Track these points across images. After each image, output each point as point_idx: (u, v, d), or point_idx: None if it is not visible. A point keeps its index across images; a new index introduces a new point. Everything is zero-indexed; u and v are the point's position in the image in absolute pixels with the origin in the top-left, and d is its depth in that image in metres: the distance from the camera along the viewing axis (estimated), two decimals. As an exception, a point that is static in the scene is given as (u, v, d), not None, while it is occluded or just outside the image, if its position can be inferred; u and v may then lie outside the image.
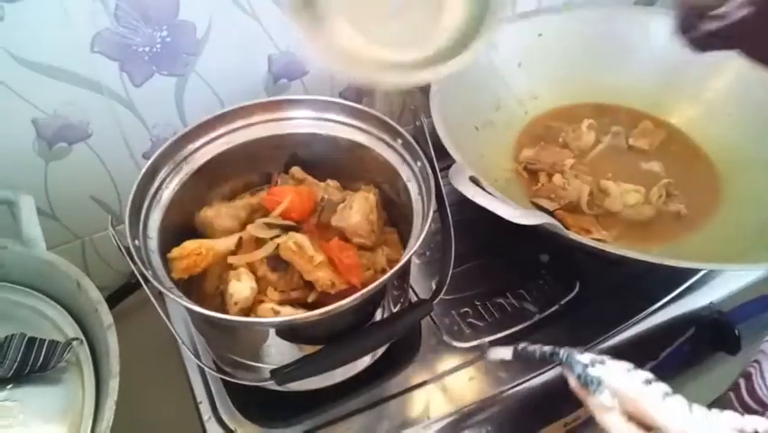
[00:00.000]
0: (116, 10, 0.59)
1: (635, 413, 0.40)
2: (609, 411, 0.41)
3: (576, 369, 0.43)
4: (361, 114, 0.61)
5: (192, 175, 0.59)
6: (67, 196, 0.70)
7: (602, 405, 0.41)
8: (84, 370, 0.50)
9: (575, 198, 0.74)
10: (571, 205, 0.74)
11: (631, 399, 0.40)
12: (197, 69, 0.68)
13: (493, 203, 0.53)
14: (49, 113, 0.62)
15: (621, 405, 0.40)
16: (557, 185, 0.75)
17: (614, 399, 0.40)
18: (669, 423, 0.38)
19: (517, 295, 0.71)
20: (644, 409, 0.39)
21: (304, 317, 0.45)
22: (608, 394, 0.41)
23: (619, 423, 0.40)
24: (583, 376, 0.42)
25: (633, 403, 0.40)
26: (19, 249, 0.55)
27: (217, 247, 0.55)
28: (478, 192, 0.54)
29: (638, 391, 0.40)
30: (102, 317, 0.50)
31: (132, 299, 0.82)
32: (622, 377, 0.41)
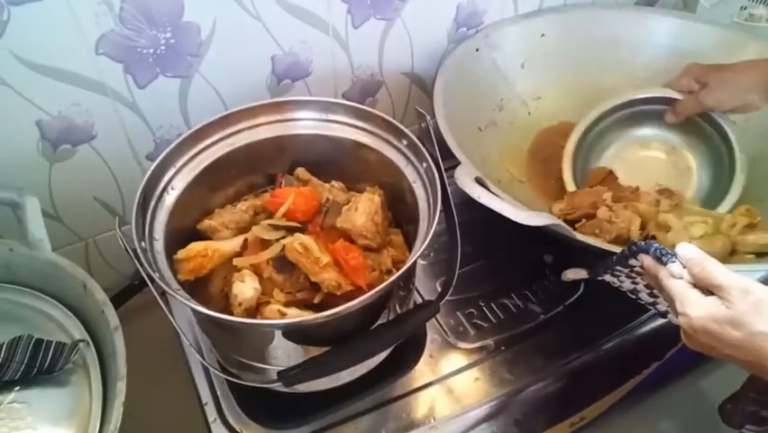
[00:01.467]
0: (121, 12, 0.58)
1: (701, 276, 0.44)
2: (678, 279, 0.45)
3: (651, 248, 0.47)
4: (366, 114, 0.61)
5: (197, 177, 0.59)
6: (70, 197, 0.70)
7: (672, 272, 0.45)
8: (90, 372, 0.50)
9: (624, 230, 0.67)
10: (620, 238, 0.67)
11: (699, 263, 0.44)
12: (201, 71, 0.68)
13: (499, 204, 0.53)
14: (53, 114, 0.62)
15: (689, 272, 0.45)
16: (602, 219, 0.68)
17: (683, 268, 0.45)
18: (733, 281, 0.42)
19: (522, 296, 0.71)
20: (711, 270, 0.43)
21: (312, 318, 0.45)
22: (678, 264, 0.45)
23: (686, 287, 0.44)
24: (659, 250, 0.47)
25: (700, 267, 0.44)
26: (25, 251, 0.55)
27: (223, 249, 0.55)
28: (483, 193, 0.54)
29: (706, 258, 0.44)
30: (108, 318, 0.50)
31: (135, 300, 0.82)
32: (692, 249, 0.45)
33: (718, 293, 0.43)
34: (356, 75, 0.80)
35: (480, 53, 0.82)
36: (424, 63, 0.84)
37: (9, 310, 0.55)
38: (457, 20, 0.82)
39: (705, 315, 0.42)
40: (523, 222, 0.52)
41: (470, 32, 0.85)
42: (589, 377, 0.67)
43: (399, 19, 0.77)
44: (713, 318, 0.42)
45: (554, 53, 0.87)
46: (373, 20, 0.75)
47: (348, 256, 0.56)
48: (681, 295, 0.44)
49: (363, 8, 0.73)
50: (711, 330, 0.42)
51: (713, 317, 0.42)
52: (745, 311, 0.41)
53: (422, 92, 0.88)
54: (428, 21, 0.80)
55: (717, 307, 0.42)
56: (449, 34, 0.83)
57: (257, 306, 0.54)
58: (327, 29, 0.72)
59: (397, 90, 0.86)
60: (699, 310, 0.43)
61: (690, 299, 0.43)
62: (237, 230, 0.61)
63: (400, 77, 0.84)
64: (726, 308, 0.42)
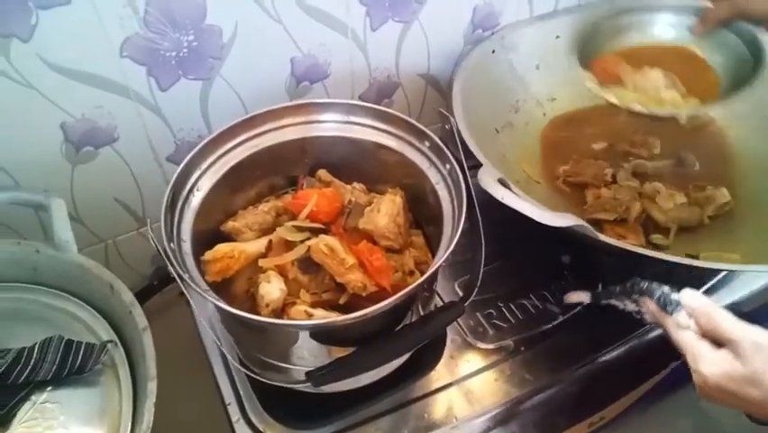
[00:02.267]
0: (145, 15, 0.59)
1: (708, 328, 0.43)
2: (685, 330, 0.44)
3: (656, 293, 0.48)
4: (388, 117, 0.61)
5: (221, 178, 0.59)
6: (92, 199, 0.71)
7: (679, 323, 0.45)
8: (119, 372, 0.51)
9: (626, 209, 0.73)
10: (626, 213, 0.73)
11: (705, 314, 0.43)
12: (222, 73, 0.68)
13: (523, 205, 0.54)
14: (77, 117, 0.63)
15: (696, 322, 0.44)
16: (607, 198, 0.74)
17: (690, 318, 0.44)
18: (743, 334, 0.41)
19: (540, 296, 0.71)
20: (718, 323, 0.42)
21: (342, 319, 0.45)
22: (684, 314, 0.44)
23: (694, 340, 0.43)
24: (663, 298, 0.47)
25: (706, 318, 0.43)
26: (51, 252, 0.56)
27: (249, 250, 0.56)
28: (507, 194, 0.55)
29: (712, 307, 0.44)
30: (136, 319, 0.51)
31: (153, 301, 0.83)
32: (697, 298, 0.45)
33: (729, 346, 0.41)
34: (373, 77, 0.80)
35: (497, 55, 0.82)
36: (440, 64, 0.85)
37: (36, 311, 0.55)
38: (473, 21, 0.82)
39: (719, 372, 0.41)
40: (547, 223, 0.52)
41: (485, 33, 0.85)
42: (607, 377, 0.68)
43: (417, 21, 0.77)
44: (728, 376, 0.41)
45: (569, 55, 0.87)
46: (391, 22, 0.75)
47: (372, 257, 0.56)
48: (692, 349, 0.43)
49: (382, 10, 0.73)
50: (728, 388, 0.41)
51: (728, 375, 0.41)
52: (761, 369, 0.40)
53: (437, 93, 0.89)
54: (445, 23, 0.80)
55: (730, 363, 0.41)
56: (465, 36, 0.84)
57: (283, 306, 0.55)
58: (346, 31, 0.73)
59: (414, 91, 0.86)
60: (712, 367, 0.41)
61: (701, 355, 0.42)
62: (260, 231, 0.61)
63: (416, 78, 0.85)
64: (741, 365, 0.40)
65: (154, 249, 0.81)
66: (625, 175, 0.78)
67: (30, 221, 0.68)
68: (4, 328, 0.54)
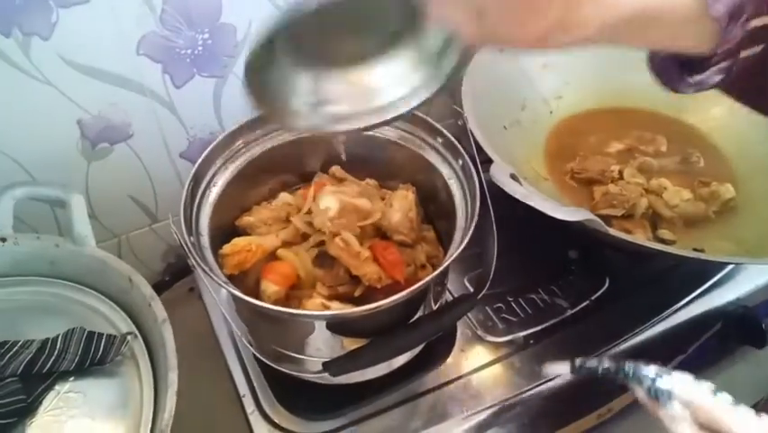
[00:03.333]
0: (162, 13, 0.60)
1: (707, 422, 0.40)
2: (681, 422, 0.41)
3: (645, 382, 0.42)
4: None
5: (237, 174, 0.61)
6: (106, 195, 0.72)
7: (673, 416, 0.41)
8: (140, 362, 0.51)
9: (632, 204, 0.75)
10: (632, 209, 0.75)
11: (702, 408, 0.40)
12: (236, 71, 0.69)
13: (535, 200, 0.55)
14: (93, 114, 0.64)
15: (692, 415, 0.40)
16: (614, 194, 0.75)
17: (684, 410, 0.41)
18: (744, 430, 0.38)
19: (549, 291, 0.72)
20: (718, 417, 0.39)
21: (360, 310, 0.46)
22: (678, 405, 0.41)
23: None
24: (653, 389, 0.42)
25: (704, 412, 0.40)
26: (70, 247, 0.57)
27: (265, 244, 0.57)
28: (520, 189, 0.56)
29: (709, 401, 0.40)
30: (156, 312, 0.52)
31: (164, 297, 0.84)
32: (691, 387, 0.41)
33: None
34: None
35: (505, 53, 0.83)
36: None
37: (56, 304, 0.56)
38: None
39: None
40: (561, 217, 0.53)
41: (493, 32, 0.86)
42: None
43: (426, 20, 0.78)
44: None
45: (575, 53, 0.88)
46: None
47: (385, 252, 0.58)
48: None
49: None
50: None
51: None
52: None
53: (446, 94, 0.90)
54: (453, 21, 0.81)
55: None
56: (473, 35, 0.84)
57: (299, 299, 0.56)
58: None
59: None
60: None
61: None
62: (274, 226, 0.62)
63: (425, 76, 0.85)
64: None
65: (165, 245, 0.84)
66: (631, 172, 0.79)
67: (45, 216, 0.69)
68: (24, 321, 0.54)
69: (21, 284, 0.57)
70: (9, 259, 0.57)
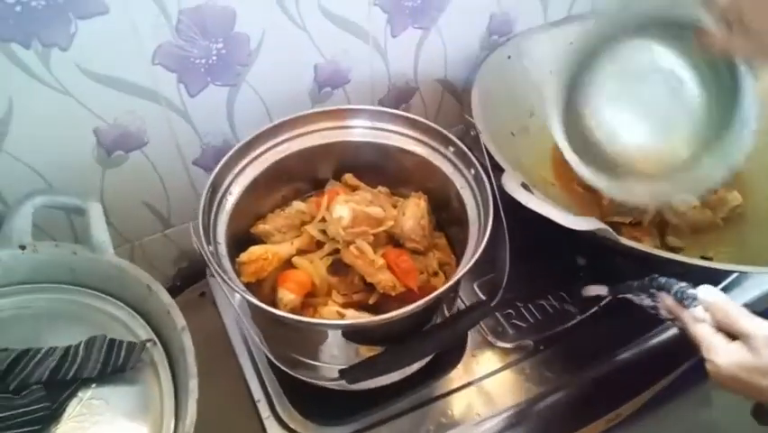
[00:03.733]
0: (178, 23, 0.61)
1: (724, 322, 0.46)
2: (701, 323, 0.47)
3: (673, 288, 0.50)
4: (414, 123, 0.63)
5: (252, 182, 0.61)
6: (120, 201, 0.72)
7: (695, 317, 0.47)
8: (159, 370, 0.52)
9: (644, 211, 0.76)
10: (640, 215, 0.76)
11: (721, 309, 0.46)
12: (248, 79, 0.70)
13: (548, 209, 0.55)
14: (110, 122, 0.65)
15: (712, 316, 0.46)
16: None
17: (705, 312, 0.47)
18: (756, 329, 0.44)
19: (558, 297, 0.73)
20: (734, 317, 0.45)
21: (378, 320, 0.47)
22: (701, 308, 0.47)
23: (710, 332, 0.46)
24: (680, 293, 0.49)
25: (723, 313, 0.46)
26: (88, 254, 0.58)
27: (281, 252, 0.58)
28: (531, 199, 0.57)
29: (728, 303, 0.46)
30: (175, 319, 0.53)
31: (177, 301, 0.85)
32: (714, 294, 0.48)
33: (743, 340, 0.44)
34: (392, 82, 0.82)
35: (512, 60, 0.84)
36: (456, 69, 0.87)
37: (75, 311, 0.57)
38: (489, 28, 0.84)
39: (732, 363, 0.44)
40: (572, 227, 0.54)
41: (501, 39, 0.87)
42: (624, 375, 0.70)
43: (435, 28, 0.79)
44: (740, 366, 0.44)
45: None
46: (411, 29, 0.77)
47: (399, 260, 0.58)
48: (707, 341, 0.46)
49: (402, 18, 0.75)
50: (739, 377, 0.44)
51: (740, 365, 0.44)
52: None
53: (452, 97, 0.91)
54: (463, 29, 0.82)
55: (743, 355, 0.44)
56: (481, 41, 0.85)
57: (315, 307, 0.57)
58: (367, 38, 0.74)
59: (431, 96, 0.88)
60: (725, 358, 0.44)
61: (715, 346, 0.45)
62: (288, 233, 0.63)
63: (434, 83, 0.87)
64: (753, 357, 0.43)
65: (177, 250, 0.84)
66: None
67: (61, 222, 0.70)
68: (44, 327, 0.55)
69: (40, 291, 0.58)
70: (28, 266, 0.58)
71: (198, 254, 0.82)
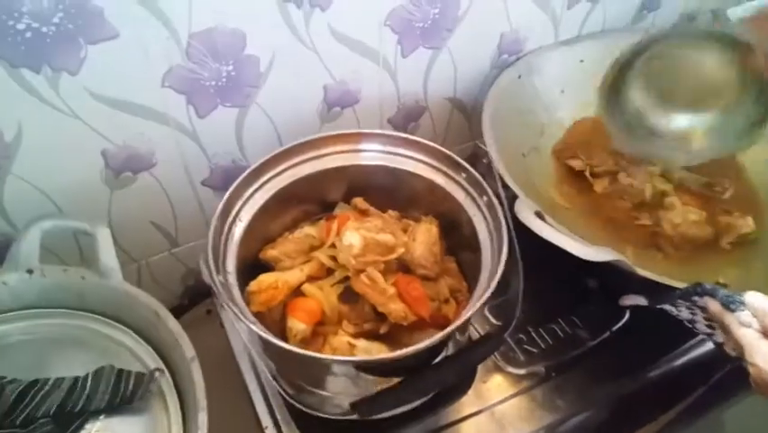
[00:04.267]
0: (188, 47, 0.60)
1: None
2: (747, 327, 0.47)
3: (719, 294, 0.50)
4: (425, 148, 0.62)
5: (261, 207, 0.61)
6: (128, 221, 0.72)
7: (741, 321, 0.47)
8: (167, 399, 0.52)
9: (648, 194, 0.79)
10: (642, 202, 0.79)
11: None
12: (258, 100, 0.69)
13: (562, 240, 0.55)
14: (118, 144, 0.64)
15: (759, 321, 0.46)
16: (624, 184, 0.78)
17: (752, 317, 0.47)
18: None
19: (569, 322, 0.72)
20: None
21: (394, 356, 0.47)
22: (747, 313, 0.47)
23: (756, 337, 0.46)
24: (726, 297, 0.49)
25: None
26: (96, 279, 0.57)
27: (291, 281, 0.57)
28: (546, 228, 0.56)
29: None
30: (184, 349, 0.52)
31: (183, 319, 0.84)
32: (762, 299, 0.47)
33: None
34: (402, 102, 0.81)
35: (522, 80, 0.83)
36: (466, 88, 0.86)
37: (82, 337, 0.56)
38: (500, 47, 0.84)
39: None
40: (588, 258, 0.54)
41: (510, 58, 0.86)
42: (638, 401, 0.69)
43: (446, 48, 0.78)
44: None
45: (592, 79, 0.88)
46: (421, 49, 0.76)
47: (409, 287, 0.58)
48: (751, 346, 0.46)
49: (413, 38, 0.74)
50: None
51: None
52: None
53: (462, 115, 0.90)
54: (473, 48, 0.81)
55: None
56: (491, 60, 0.85)
57: (325, 336, 0.56)
58: (378, 59, 0.74)
59: (440, 114, 0.87)
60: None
61: (760, 351, 0.45)
62: (298, 258, 0.62)
63: (443, 101, 0.86)
64: None
65: (184, 268, 0.84)
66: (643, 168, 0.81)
67: (68, 242, 0.69)
68: (51, 353, 0.55)
69: (47, 316, 0.58)
70: (36, 291, 0.57)
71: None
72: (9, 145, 0.58)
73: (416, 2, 0.70)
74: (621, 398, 0.67)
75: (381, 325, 0.57)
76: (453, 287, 0.63)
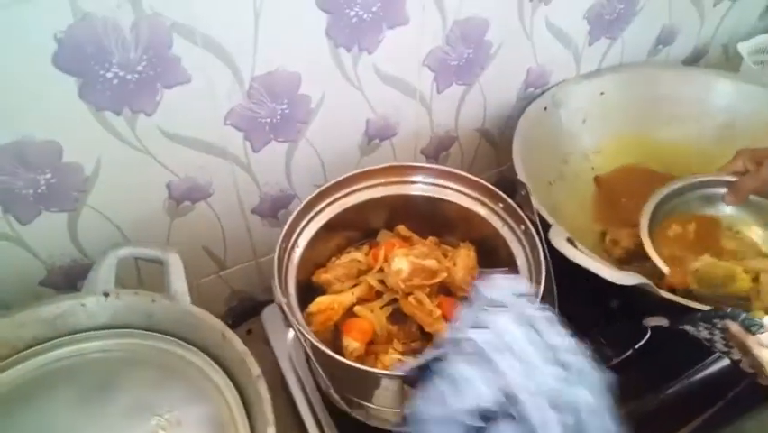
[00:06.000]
0: (249, 89, 0.66)
1: None
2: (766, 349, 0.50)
3: (740, 316, 0.52)
4: (464, 180, 0.68)
5: (315, 234, 0.66)
6: (183, 247, 0.76)
7: (761, 343, 0.50)
8: (236, 415, 0.56)
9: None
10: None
11: None
12: (306, 135, 0.75)
13: (594, 265, 0.60)
14: (181, 176, 0.70)
15: None
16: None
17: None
18: None
19: (594, 340, 0.76)
20: None
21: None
22: (767, 335, 0.50)
23: None
24: (747, 320, 0.51)
25: None
26: (166, 302, 0.62)
27: (345, 302, 0.62)
28: (577, 254, 0.61)
29: None
30: (250, 367, 0.56)
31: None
32: None
33: None
34: (434, 133, 0.87)
35: (548, 112, 0.89)
36: (493, 119, 0.92)
37: (153, 355, 0.61)
38: (526, 81, 0.89)
39: None
40: (617, 282, 0.58)
41: (536, 91, 0.92)
42: (659, 415, 0.73)
43: (477, 83, 0.84)
44: None
45: (612, 110, 0.94)
46: (455, 86, 0.82)
47: (453, 309, 0.63)
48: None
49: (448, 76, 0.80)
50: None
51: None
52: None
53: (489, 144, 0.96)
54: (502, 83, 0.87)
55: None
56: (518, 93, 0.91)
57: (376, 354, 0.61)
58: (415, 95, 0.80)
59: (468, 144, 0.93)
60: None
61: None
62: (347, 282, 0.68)
63: (472, 132, 0.92)
64: None
65: (229, 290, 0.89)
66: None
67: (128, 268, 0.75)
68: (122, 371, 0.60)
69: (120, 336, 0.62)
70: (111, 312, 0.62)
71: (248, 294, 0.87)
72: (88, 179, 0.63)
73: (452, 42, 0.76)
74: (643, 412, 0.71)
75: (428, 344, 0.62)
76: (491, 309, 0.67)
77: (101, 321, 0.63)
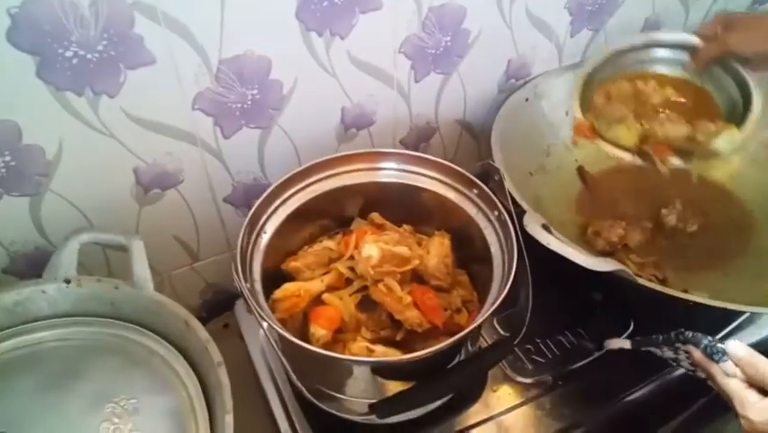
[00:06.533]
0: (217, 72, 0.64)
1: (755, 378, 0.46)
2: (731, 378, 0.47)
3: (702, 342, 0.50)
4: (439, 166, 0.66)
5: (284, 221, 0.64)
6: (154, 236, 0.75)
7: (725, 372, 0.48)
8: (195, 404, 0.54)
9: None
10: None
11: (751, 364, 0.46)
12: (279, 122, 0.73)
13: (567, 250, 0.58)
14: (149, 162, 0.68)
15: (743, 371, 0.47)
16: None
17: (735, 367, 0.47)
18: None
19: (575, 333, 0.75)
20: (765, 373, 0.45)
21: (410, 357, 0.50)
22: (730, 363, 0.47)
23: (741, 387, 0.46)
24: (709, 348, 0.49)
25: (753, 369, 0.46)
26: (129, 290, 0.60)
27: (312, 289, 0.61)
28: (552, 240, 0.59)
29: (758, 358, 0.46)
30: (212, 355, 0.55)
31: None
32: (742, 349, 0.48)
33: None
34: (414, 123, 0.86)
35: (530, 103, 0.88)
36: (475, 110, 0.90)
37: (116, 344, 0.59)
38: (507, 72, 0.88)
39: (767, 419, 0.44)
40: (592, 268, 0.57)
41: (518, 82, 0.91)
42: (642, 411, 0.71)
43: (456, 73, 0.83)
44: None
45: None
46: (433, 74, 0.81)
47: (424, 297, 0.61)
48: (739, 396, 0.46)
49: (425, 64, 0.79)
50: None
51: None
52: None
53: (470, 136, 0.94)
54: (482, 73, 0.86)
55: None
56: (499, 84, 0.89)
57: (344, 342, 0.59)
58: (392, 83, 0.78)
59: (450, 135, 0.92)
60: (760, 415, 0.45)
61: (749, 402, 0.45)
62: (317, 270, 0.66)
63: (453, 123, 0.90)
64: None
65: (203, 283, 0.87)
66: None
67: (97, 258, 0.73)
68: (85, 359, 0.58)
69: (82, 324, 0.61)
70: (72, 299, 0.61)
71: (223, 287, 0.86)
72: (50, 163, 0.62)
73: (428, 30, 0.75)
74: (625, 407, 0.69)
75: (397, 332, 0.60)
76: (465, 298, 0.66)
77: (63, 309, 0.61)
